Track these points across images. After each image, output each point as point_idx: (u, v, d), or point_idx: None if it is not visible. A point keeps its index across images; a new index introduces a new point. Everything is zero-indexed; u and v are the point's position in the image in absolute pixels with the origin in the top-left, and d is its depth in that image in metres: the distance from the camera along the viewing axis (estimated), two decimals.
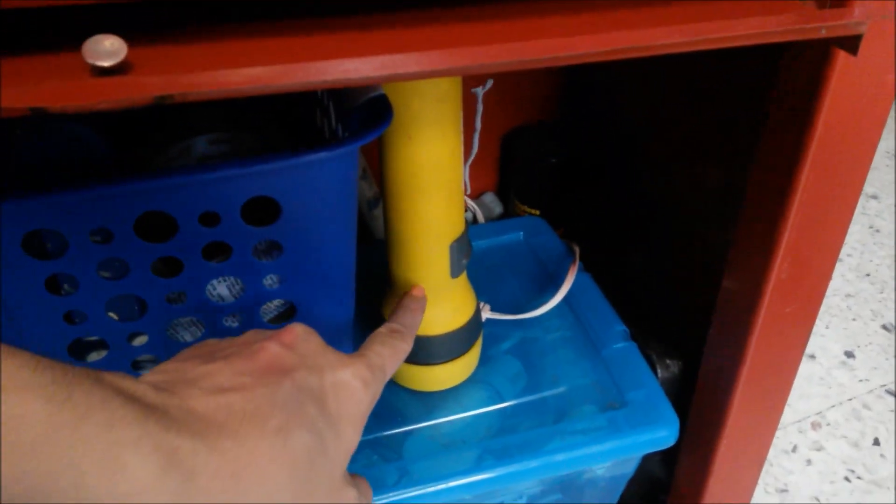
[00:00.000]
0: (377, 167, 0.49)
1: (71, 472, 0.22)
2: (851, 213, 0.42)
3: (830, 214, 0.42)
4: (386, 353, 0.36)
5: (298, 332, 0.32)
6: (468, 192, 0.82)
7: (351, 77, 0.28)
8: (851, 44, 0.33)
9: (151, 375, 0.29)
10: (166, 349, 0.43)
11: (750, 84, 0.47)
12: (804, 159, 0.39)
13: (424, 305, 0.39)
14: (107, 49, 0.28)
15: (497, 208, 0.83)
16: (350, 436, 0.32)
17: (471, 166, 0.81)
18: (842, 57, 0.36)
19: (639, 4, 0.33)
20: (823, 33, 0.32)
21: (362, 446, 0.50)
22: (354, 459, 0.34)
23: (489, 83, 0.76)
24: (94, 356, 0.44)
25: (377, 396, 0.34)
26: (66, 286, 0.40)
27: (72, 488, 0.22)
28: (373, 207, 0.70)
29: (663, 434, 0.52)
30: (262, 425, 0.27)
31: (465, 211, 0.80)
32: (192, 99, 0.27)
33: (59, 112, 0.26)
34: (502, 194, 0.84)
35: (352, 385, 0.32)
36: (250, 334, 0.33)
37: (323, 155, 0.36)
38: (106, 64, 0.28)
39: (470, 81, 0.75)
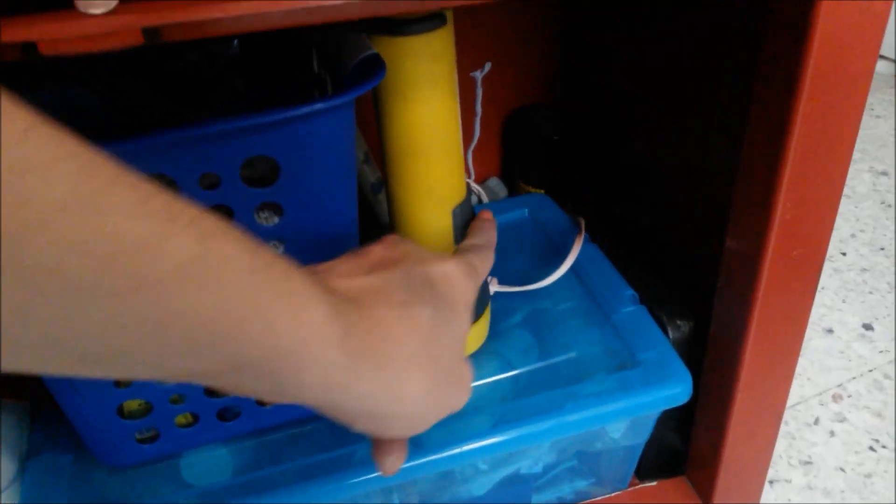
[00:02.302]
0: (378, 150, 0.49)
1: (261, 316, 0.23)
2: (852, 144, 0.42)
3: (830, 148, 0.42)
4: (477, 259, 0.37)
5: (394, 237, 0.35)
6: (472, 177, 0.83)
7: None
8: None
9: None
10: None
11: (742, 36, 0.47)
12: (800, 92, 0.39)
13: (496, 225, 0.41)
14: None
15: (502, 192, 0.83)
16: (463, 314, 0.34)
17: (473, 151, 0.81)
18: None
19: None
20: None
21: None
22: None
23: (487, 66, 0.77)
24: None
25: (477, 292, 0.36)
26: None
27: (261, 332, 0.24)
28: (376, 192, 0.70)
29: (677, 390, 0.51)
30: (389, 299, 0.30)
31: (471, 193, 0.80)
32: (179, 37, 0.28)
33: (52, 53, 0.27)
34: (506, 178, 0.84)
35: (456, 274, 0.34)
36: (348, 252, 0.34)
37: (318, 107, 0.36)
38: (98, 11, 0.29)
39: (467, 65, 0.76)
